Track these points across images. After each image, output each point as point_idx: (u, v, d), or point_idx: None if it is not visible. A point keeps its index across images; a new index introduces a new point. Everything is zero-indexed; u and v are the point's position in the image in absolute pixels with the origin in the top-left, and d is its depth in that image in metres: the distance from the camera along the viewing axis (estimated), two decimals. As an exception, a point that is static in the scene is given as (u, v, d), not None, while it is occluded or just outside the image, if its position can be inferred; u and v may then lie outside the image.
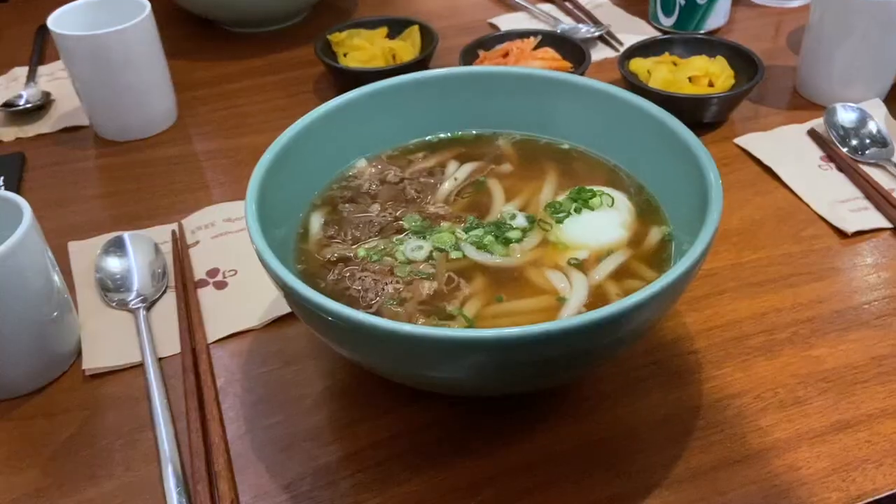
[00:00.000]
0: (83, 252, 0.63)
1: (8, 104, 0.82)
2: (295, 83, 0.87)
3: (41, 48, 0.94)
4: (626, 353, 0.53)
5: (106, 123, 0.78)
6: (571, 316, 0.44)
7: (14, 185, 0.72)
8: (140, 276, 0.60)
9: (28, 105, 0.82)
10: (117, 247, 0.61)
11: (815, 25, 0.75)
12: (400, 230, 0.53)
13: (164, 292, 0.60)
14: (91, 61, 0.73)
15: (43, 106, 0.83)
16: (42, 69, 0.90)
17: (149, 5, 0.75)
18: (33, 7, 0.96)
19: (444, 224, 0.53)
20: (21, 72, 0.90)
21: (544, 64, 0.80)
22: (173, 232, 0.66)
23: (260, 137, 0.79)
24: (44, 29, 0.93)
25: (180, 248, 0.64)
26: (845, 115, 0.71)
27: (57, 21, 0.73)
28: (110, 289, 0.59)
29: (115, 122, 0.78)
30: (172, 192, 0.72)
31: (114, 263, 0.60)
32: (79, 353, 0.55)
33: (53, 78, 0.88)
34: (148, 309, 0.58)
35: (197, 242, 0.65)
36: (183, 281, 0.60)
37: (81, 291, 0.60)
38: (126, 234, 0.62)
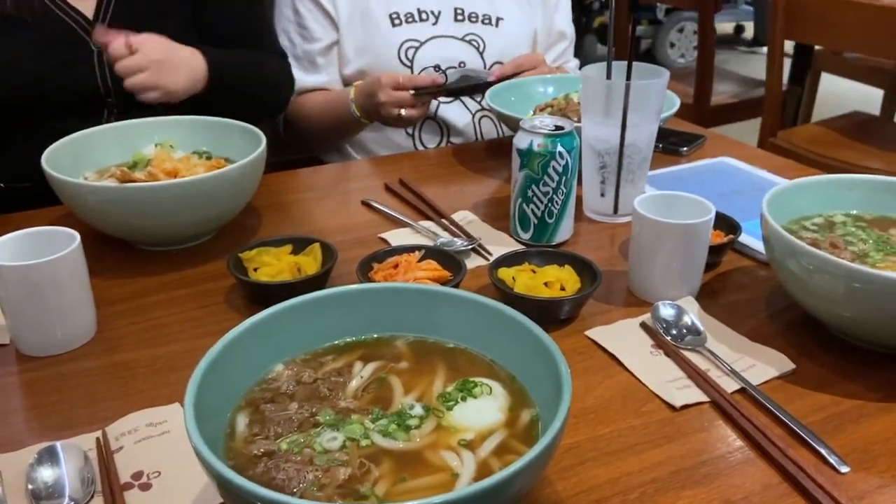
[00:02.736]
0: (11, 463, 0.68)
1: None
2: (208, 295, 0.96)
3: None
4: (511, 519, 0.62)
5: (29, 340, 0.84)
6: (462, 488, 0.54)
7: (-65, 404, 0.76)
8: (71, 484, 0.65)
9: (-52, 326, 0.87)
10: (50, 456, 0.66)
11: (637, 238, 0.95)
12: (316, 424, 0.63)
13: (93, 496, 0.65)
14: (23, 286, 0.81)
15: (-38, 326, 0.88)
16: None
17: (78, 236, 0.85)
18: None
19: (354, 416, 0.63)
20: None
21: (428, 274, 0.95)
22: (97, 439, 0.71)
23: (176, 346, 0.87)
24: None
25: (105, 455, 0.69)
26: (666, 311, 0.89)
27: (-9, 252, 0.82)
28: (42, 497, 0.63)
29: (39, 339, 0.84)
30: (94, 402, 0.78)
31: (46, 473, 0.65)
32: (11, 562, 0.59)
33: (-28, 298, 0.94)
34: (78, 513, 0.63)
35: (121, 448, 0.70)
36: (109, 485, 0.66)
37: (12, 500, 0.64)
38: (58, 444, 0.68)
